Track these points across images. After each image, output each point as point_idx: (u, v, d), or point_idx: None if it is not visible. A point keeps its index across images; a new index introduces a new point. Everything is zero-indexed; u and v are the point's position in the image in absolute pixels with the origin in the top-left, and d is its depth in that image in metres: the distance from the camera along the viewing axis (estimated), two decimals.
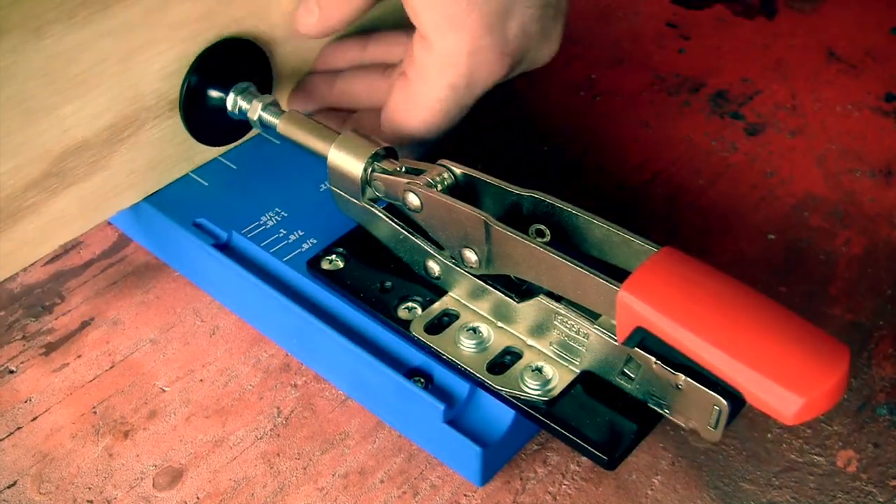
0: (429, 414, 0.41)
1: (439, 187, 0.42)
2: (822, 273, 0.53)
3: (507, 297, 0.41)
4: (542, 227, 0.41)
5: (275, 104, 0.47)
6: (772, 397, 0.32)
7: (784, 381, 0.31)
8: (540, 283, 0.39)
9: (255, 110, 0.47)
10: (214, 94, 0.48)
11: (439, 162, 0.43)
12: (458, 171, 0.42)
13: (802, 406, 0.31)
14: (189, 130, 0.48)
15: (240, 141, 0.52)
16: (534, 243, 0.38)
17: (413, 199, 0.41)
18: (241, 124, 0.49)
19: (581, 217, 0.40)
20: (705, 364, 0.33)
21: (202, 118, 0.48)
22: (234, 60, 0.48)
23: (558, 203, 0.40)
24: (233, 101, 0.48)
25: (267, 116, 0.47)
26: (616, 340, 0.37)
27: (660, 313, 0.34)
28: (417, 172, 0.42)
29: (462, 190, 0.42)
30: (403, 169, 0.42)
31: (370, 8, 0.48)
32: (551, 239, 0.41)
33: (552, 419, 0.39)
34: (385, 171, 0.42)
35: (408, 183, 0.41)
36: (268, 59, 0.50)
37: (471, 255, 0.41)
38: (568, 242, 0.40)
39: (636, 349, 0.37)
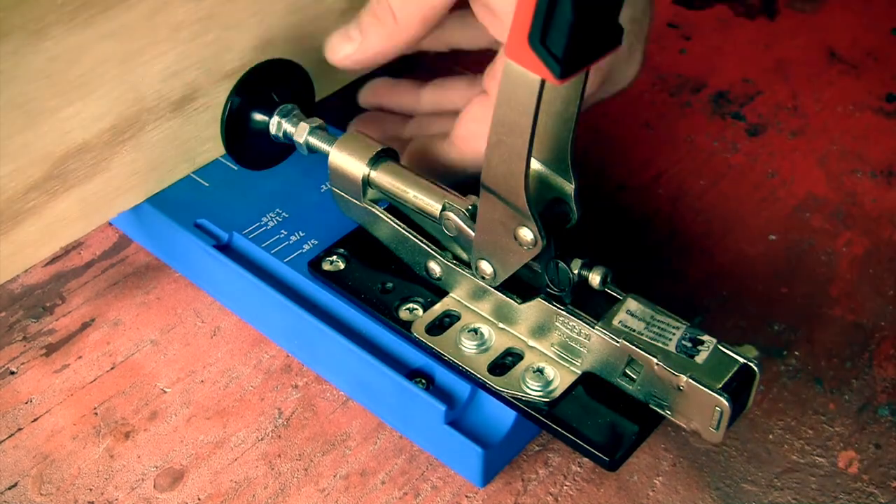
0: (430, 415, 0.41)
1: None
2: (823, 274, 0.53)
3: (508, 299, 0.41)
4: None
5: (322, 127, 0.46)
6: None
7: None
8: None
9: (301, 133, 0.46)
10: (258, 117, 0.47)
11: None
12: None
13: None
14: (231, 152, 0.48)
15: None
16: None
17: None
18: (285, 147, 0.48)
19: None
20: None
21: (245, 142, 0.48)
22: (277, 82, 0.47)
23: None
24: (277, 124, 0.46)
25: (314, 141, 0.45)
26: (617, 342, 0.38)
27: None
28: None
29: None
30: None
31: (415, 44, 0.45)
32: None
33: (553, 420, 0.39)
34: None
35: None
36: (311, 81, 0.49)
37: (486, 267, 0.41)
38: None
39: (637, 350, 0.37)
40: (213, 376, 0.47)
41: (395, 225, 0.43)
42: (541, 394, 0.39)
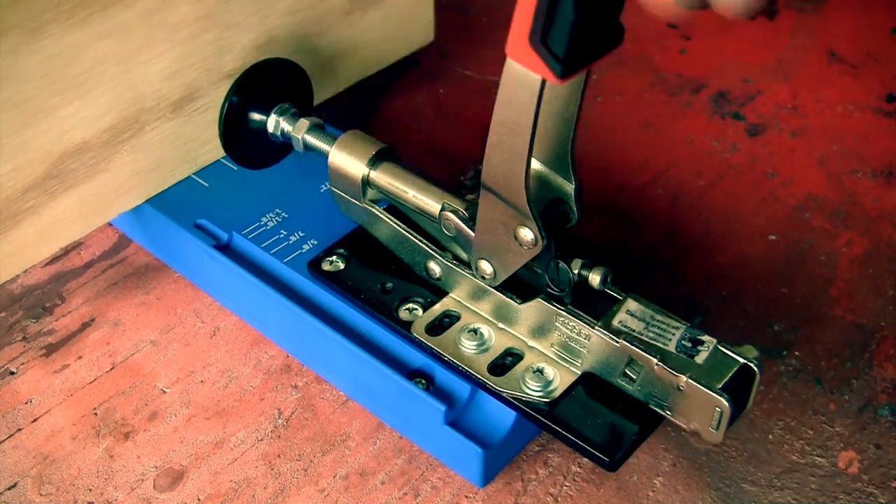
0: (430, 415, 0.41)
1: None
2: (823, 274, 0.52)
3: (508, 299, 0.41)
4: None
5: (320, 126, 0.46)
6: None
7: None
8: None
9: (299, 131, 0.46)
10: (256, 116, 0.47)
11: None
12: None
13: None
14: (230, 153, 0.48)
15: None
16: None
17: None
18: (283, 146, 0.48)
19: None
20: None
21: (244, 141, 0.48)
22: (275, 81, 0.47)
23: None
24: (275, 123, 0.47)
25: (311, 139, 0.45)
26: (617, 342, 0.37)
27: None
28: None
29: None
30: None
31: None
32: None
33: (553, 420, 0.39)
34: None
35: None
36: (309, 80, 0.49)
37: (486, 267, 0.41)
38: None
39: (637, 350, 0.37)
40: (212, 376, 0.47)
41: (394, 225, 0.43)
42: (541, 394, 0.39)
